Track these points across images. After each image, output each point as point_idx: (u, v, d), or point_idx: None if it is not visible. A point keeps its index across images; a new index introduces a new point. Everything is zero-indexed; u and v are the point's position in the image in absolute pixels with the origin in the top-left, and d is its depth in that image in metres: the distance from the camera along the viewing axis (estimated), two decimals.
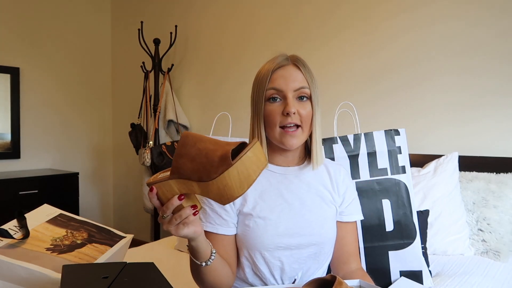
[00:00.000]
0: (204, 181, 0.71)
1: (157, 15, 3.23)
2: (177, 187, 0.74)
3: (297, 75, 0.94)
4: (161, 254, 1.74)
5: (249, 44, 2.67)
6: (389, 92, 2.10)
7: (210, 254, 0.84)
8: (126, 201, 3.62)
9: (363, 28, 2.18)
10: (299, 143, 0.94)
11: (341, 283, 0.75)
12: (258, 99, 0.95)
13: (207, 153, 0.72)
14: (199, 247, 0.81)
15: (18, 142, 3.08)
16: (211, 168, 0.70)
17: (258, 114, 0.95)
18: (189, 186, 0.74)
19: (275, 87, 0.93)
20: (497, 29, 1.80)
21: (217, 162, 0.70)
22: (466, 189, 1.68)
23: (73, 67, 3.43)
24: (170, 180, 0.74)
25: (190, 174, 0.72)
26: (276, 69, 0.94)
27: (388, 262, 1.17)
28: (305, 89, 0.94)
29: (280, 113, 0.92)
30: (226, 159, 0.70)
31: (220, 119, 1.84)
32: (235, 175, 0.70)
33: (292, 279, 0.97)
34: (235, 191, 0.71)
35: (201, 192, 0.73)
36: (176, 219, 0.74)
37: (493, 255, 1.53)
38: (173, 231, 0.75)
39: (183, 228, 0.75)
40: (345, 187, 1.04)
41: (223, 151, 0.71)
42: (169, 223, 0.75)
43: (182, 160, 0.72)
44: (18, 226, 0.99)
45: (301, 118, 0.93)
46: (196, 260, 0.83)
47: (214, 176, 0.70)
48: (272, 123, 0.93)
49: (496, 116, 1.81)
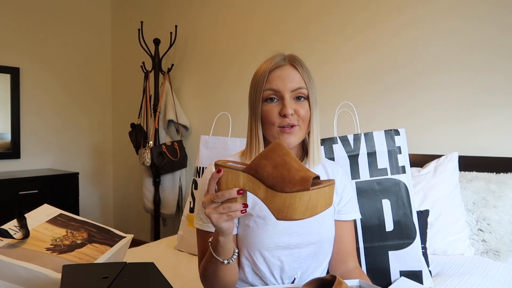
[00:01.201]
0: (275, 190, 0.74)
1: (157, 15, 3.23)
2: (244, 181, 0.76)
3: (294, 76, 0.94)
4: (161, 254, 1.74)
5: (249, 44, 2.67)
6: (389, 91, 2.10)
7: (233, 252, 0.84)
8: (126, 201, 3.63)
9: (363, 26, 2.18)
10: (296, 141, 0.95)
11: (340, 283, 0.75)
12: (255, 99, 0.95)
13: (290, 168, 0.74)
14: (226, 244, 0.81)
15: (18, 142, 3.08)
16: (288, 182, 0.73)
17: (255, 114, 0.96)
18: (256, 186, 0.75)
19: (272, 87, 0.93)
20: (499, 26, 1.79)
21: (296, 180, 0.73)
22: (466, 189, 1.68)
23: (73, 67, 3.43)
24: (241, 172, 0.75)
25: (265, 177, 0.74)
26: (274, 69, 0.94)
27: (388, 262, 1.17)
28: (303, 89, 0.94)
29: (277, 113, 0.93)
30: (306, 182, 0.72)
31: (220, 119, 1.85)
32: (306, 200, 0.72)
33: (291, 278, 0.97)
34: (297, 214, 0.73)
35: (264, 197, 0.75)
36: (224, 209, 0.74)
37: (493, 255, 1.53)
38: (214, 219, 0.75)
39: (225, 219, 0.75)
40: (342, 186, 1.05)
41: (306, 174, 0.74)
42: (215, 209, 0.75)
43: (265, 162, 0.75)
44: (18, 226, 0.99)
45: (300, 117, 0.93)
46: (218, 257, 0.83)
47: (287, 190, 0.72)
48: (270, 123, 0.94)
49: (496, 116, 1.81)
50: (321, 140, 1.23)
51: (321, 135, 1.24)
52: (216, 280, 0.88)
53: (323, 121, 1.62)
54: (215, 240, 0.82)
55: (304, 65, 0.96)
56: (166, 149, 2.78)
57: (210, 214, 0.75)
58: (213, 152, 1.69)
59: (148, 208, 2.98)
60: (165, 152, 2.77)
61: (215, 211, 0.75)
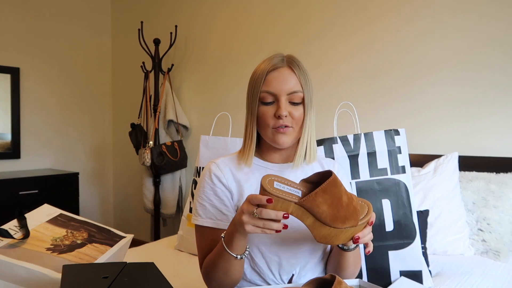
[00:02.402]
0: (324, 223, 0.76)
1: (157, 15, 3.23)
2: (293, 210, 0.76)
3: (291, 79, 0.95)
4: (161, 254, 1.74)
5: (249, 44, 2.67)
6: (389, 91, 2.10)
7: (246, 248, 0.85)
8: (126, 201, 3.63)
9: (362, 24, 2.17)
10: (290, 141, 0.96)
11: (340, 282, 0.75)
12: (252, 99, 0.97)
13: (342, 205, 0.76)
14: (241, 240, 0.83)
15: (18, 142, 3.08)
16: (341, 221, 0.76)
17: (252, 114, 0.97)
18: (305, 217, 0.76)
19: (268, 90, 0.94)
20: (499, 24, 1.79)
21: (348, 217, 0.76)
22: (466, 189, 1.68)
23: (73, 67, 3.43)
24: (293, 204, 0.75)
25: (319, 214, 0.75)
26: (271, 71, 0.95)
27: (388, 262, 1.17)
28: (298, 93, 0.95)
29: (272, 115, 0.95)
30: (355, 219, 0.77)
31: (220, 119, 1.85)
32: (350, 232, 0.78)
33: (290, 274, 0.97)
34: (338, 241, 0.79)
35: (310, 225, 0.77)
36: (264, 225, 0.75)
37: (493, 255, 1.53)
38: (248, 228, 0.76)
39: (259, 232, 0.76)
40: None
41: (355, 209, 0.77)
42: (253, 219, 0.76)
43: (321, 200, 0.75)
44: (18, 226, 1.00)
45: (294, 119, 0.95)
46: (231, 252, 0.84)
47: (337, 226, 0.76)
48: (265, 124, 0.95)
49: (496, 115, 1.81)
50: (321, 140, 1.24)
51: (321, 135, 1.25)
52: (226, 275, 0.89)
53: (323, 121, 1.62)
54: (231, 235, 0.83)
55: (301, 67, 0.97)
56: (166, 149, 2.78)
57: (246, 223, 0.76)
58: (213, 152, 1.69)
59: (148, 208, 2.98)
60: (165, 152, 2.77)
61: (253, 222, 0.76)
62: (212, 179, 0.98)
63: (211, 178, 0.98)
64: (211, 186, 0.98)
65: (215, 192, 0.98)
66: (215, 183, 0.98)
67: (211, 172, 0.99)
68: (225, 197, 0.97)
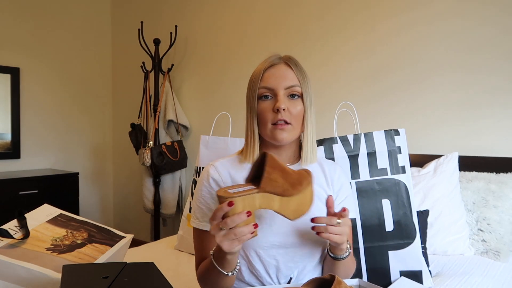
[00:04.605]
0: (287, 196, 0.79)
1: (157, 15, 3.23)
2: (259, 201, 0.77)
3: (288, 74, 0.95)
4: (161, 254, 1.74)
5: (249, 44, 2.67)
6: (389, 91, 2.10)
7: (236, 264, 0.85)
8: (126, 201, 3.63)
9: (363, 26, 2.18)
10: (289, 138, 0.95)
11: (340, 282, 0.75)
12: (251, 97, 0.97)
13: (289, 171, 0.81)
14: (233, 260, 0.82)
15: (18, 142, 3.08)
16: (298, 184, 0.80)
17: (251, 112, 0.97)
18: (270, 200, 0.78)
19: (266, 85, 0.95)
20: (498, 26, 1.79)
21: (300, 178, 0.81)
22: (466, 189, 1.68)
23: (73, 67, 3.43)
24: (257, 194, 0.76)
25: (280, 189, 0.78)
26: (268, 68, 0.96)
27: (388, 262, 1.17)
28: (296, 87, 0.95)
29: (271, 110, 0.94)
30: (307, 175, 0.83)
31: (220, 119, 1.85)
32: (310, 190, 0.83)
33: (287, 278, 0.97)
34: (307, 206, 0.82)
35: (279, 207, 0.79)
36: (235, 235, 0.74)
37: (493, 255, 1.53)
38: (226, 246, 0.75)
39: (237, 245, 0.75)
40: (339, 185, 1.05)
41: (302, 171, 0.84)
42: (225, 236, 0.74)
43: (275, 175, 0.79)
44: (18, 226, 1.00)
45: (292, 116, 0.94)
46: (222, 270, 0.83)
47: (299, 190, 0.80)
48: (264, 121, 0.95)
49: (496, 116, 1.81)
50: (321, 140, 1.24)
51: (321, 135, 1.25)
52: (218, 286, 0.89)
53: (323, 121, 1.62)
54: (220, 256, 0.82)
55: (298, 64, 0.98)
56: (166, 149, 2.78)
57: (221, 242, 0.75)
58: (213, 152, 1.69)
59: (148, 208, 2.98)
60: (165, 152, 2.77)
61: (226, 238, 0.75)
62: (210, 183, 0.98)
63: (209, 181, 0.98)
64: (209, 189, 0.98)
65: (212, 196, 0.97)
66: (213, 186, 0.97)
67: (209, 175, 0.98)
68: None
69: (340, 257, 0.92)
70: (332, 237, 0.84)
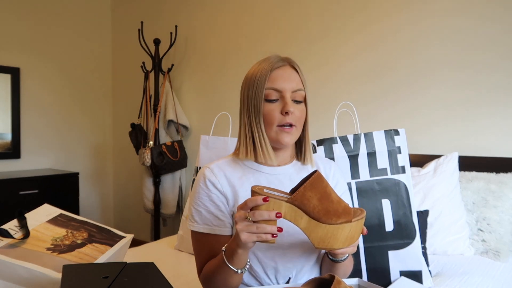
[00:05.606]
0: (319, 221, 0.76)
1: (157, 15, 3.23)
2: (286, 210, 0.76)
3: (295, 77, 0.96)
4: (161, 254, 1.74)
5: (249, 44, 2.67)
6: (389, 91, 2.10)
7: (246, 262, 0.85)
8: (126, 201, 3.63)
9: (362, 25, 2.18)
10: (293, 140, 0.97)
11: (339, 282, 0.75)
12: (256, 98, 0.95)
13: (332, 200, 0.77)
14: (243, 255, 0.82)
15: (18, 142, 3.08)
16: (333, 214, 0.76)
17: (257, 113, 0.95)
18: (298, 217, 0.77)
19: (274, 87, 0.94)
20: (499, 25, 1.79)
21: (340, 212, 0.76)
22: (466, 189, 1.68)
23: (73, 67, 3.43)
24: (285, 202, 0.76)
25: (311, 209, 0.76)
26: (275, 69, 0.96)
27: (388, 262, 1.17)
28: (301, 91, 0.97)
29: (278, 111, 0.94)
30: (349, 214, 0.76)
31: (220, 119, 1.85)
32: (347, 231, 0.76)
33: (286, 278, 0.97)
34: (337, 244, 0.77)
35: (305, 227, 0.77)
36: (257, 228, 0.74)
37: (493, 255, 1.53)
38: (244, 237, 0.76)
39: (255, 239, 0.76)
40: (335, 182, 1.06)
41: (346, 206, 0.78)
42: (247, 226, 0.75)
43: (310, 194, 0.76)
44: (18, 226, 1.00)
45: (296, 118, 0.95)
46: (232, 267, 0.83)
47: (332, 222, 0.75)
48: (271, 122, 0.94)
49: (496, 116, 1.81)
50: (321, 140, 1.24)
51: (321, 135, 1.25)
52: (225, 286, 0.89)
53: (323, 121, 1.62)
54: (232, 250, 0.82)
55: (300, 68, 0.99)
56: (166, 149, 2.78)
57: (241, 231, 0.76)
58: (213, 152, 1.69)
59: (148, 208, 2.99)
60: (165, 152, 2.77)
61: (247, 228, 0.75)
62: (207, 185, 0.97)
63: (205, 184, 0.97)
64: (206, 192, 0.97)
65: (210, 198, 0.97)
66: (210, 189, 0.97)
67: (205, 178, 0.98)
68: (221, 202, 0.96)
69: (340, 260, 0.92)
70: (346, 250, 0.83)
